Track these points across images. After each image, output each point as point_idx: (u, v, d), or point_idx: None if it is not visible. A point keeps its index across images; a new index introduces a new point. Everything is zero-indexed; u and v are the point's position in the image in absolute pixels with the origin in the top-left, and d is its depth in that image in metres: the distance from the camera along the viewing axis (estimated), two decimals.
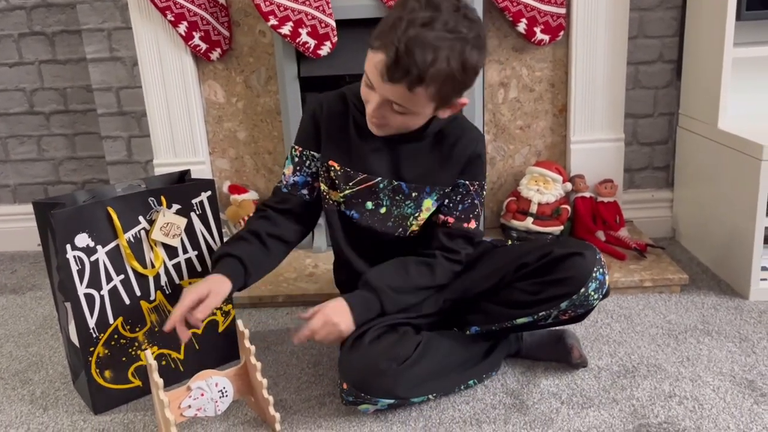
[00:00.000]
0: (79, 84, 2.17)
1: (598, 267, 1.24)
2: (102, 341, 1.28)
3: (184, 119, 1.99)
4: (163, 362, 1.37)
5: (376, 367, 1.19)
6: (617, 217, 1.94)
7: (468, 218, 1.33)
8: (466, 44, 1.10)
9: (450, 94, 1.15)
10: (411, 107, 1.15)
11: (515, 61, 1.95)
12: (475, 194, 1.33)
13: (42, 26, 2.13)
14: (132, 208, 1.29)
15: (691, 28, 1.88)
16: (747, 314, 1.57)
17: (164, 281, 1.35)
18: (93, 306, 1.26)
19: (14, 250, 2.30)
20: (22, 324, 1.73)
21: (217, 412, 1.20)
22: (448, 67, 1.09)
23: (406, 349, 1.22)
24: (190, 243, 1.38)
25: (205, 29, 1.90)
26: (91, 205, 1.25)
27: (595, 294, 1.25)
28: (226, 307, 1.44)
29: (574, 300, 1.24)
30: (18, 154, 2.27)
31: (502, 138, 2.02)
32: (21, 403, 1.37)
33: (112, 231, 1.27)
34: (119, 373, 1.32)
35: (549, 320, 1.29)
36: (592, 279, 1.23)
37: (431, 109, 1.18)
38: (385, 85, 1.12)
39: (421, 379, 1.23)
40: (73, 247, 1.23)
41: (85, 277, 1.25)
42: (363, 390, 1.20)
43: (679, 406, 1.23)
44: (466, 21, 1.11)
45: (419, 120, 1.22)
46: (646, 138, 2.06)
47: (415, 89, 1.10)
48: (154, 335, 1.35)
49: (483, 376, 1.33)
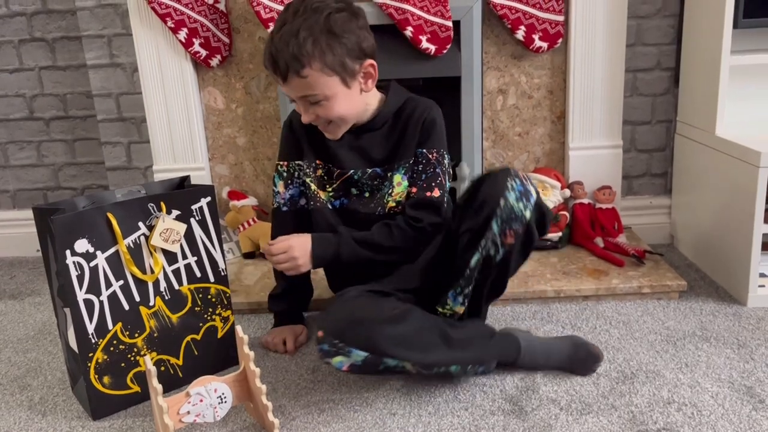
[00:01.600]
0: (79, 90, 2.18)
1: (512, 179, 1.23)
2: (101, 347, 1.28)
3: (184, 125, 2.00)
4: (162, 368, 1.37)
5: (354, 315, 1.22)
6: (616, 223, 1.94)
7: (431, 187, 1.38)
8: (322, 13, 1.25)
9: (338, 60, 1.27)
10: (320, 91, 1.29)
11: (514, 68, 1.96)
12: (435, 162, 1.38)
13: (42, 32, 2.13)
14: (131, 213, 1.30)
15: (688, 36, 1.89)
16: (745, 321, 1.57)
17: (163, 287, 1.35)
18: (92, 311, 1.27)
19: (13, 256, 2.30)
20: (20, 330, 1.73)
21: (216, 418, 1.20)
22: (312, 38, 1.24)
23: (386, 306, 1.26)
24: (190, 249, 1.38)
25: (205, 36, 1.91)
26: (90, 211, 1.26)
27: (519, 203, 1.22)
28: (225, 313, 1.44)
29: (501, 215, 1.21)
30: (18, 160, 2.27)
31: (501, 144, 2.03)
32: (20, 408, 1.37)
33: (111, 237, 1.27)
34: (118, 378, 1.32)
35: (499, 252, 1.25)
36: (508, 189, 1.22)
37: (340, 84, 1.30)
38: (287, 86, 1.30)
39: (398, 338, 1.21)
40: (72, 252, 1.23)
41: (85, 282, 1.25)
42: (338, 337, 1.18)
43: (677, 413, 1.23)
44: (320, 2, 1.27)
45: (348, 102, 1.33)
46: (644, 145, 2.06)
47: (303, 72, 1.26)
48: (153, 341, 1.35)
49: (468, 367, 1.31)
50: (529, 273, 1.78)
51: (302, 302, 1.60)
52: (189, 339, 1.40)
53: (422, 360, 1.25)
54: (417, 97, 1.43)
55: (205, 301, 1.41)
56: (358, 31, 1.31)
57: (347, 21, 1.29)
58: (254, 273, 1.87)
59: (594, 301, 1.70)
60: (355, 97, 1.35)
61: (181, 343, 1.39)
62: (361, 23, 1.32)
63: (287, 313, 1.57)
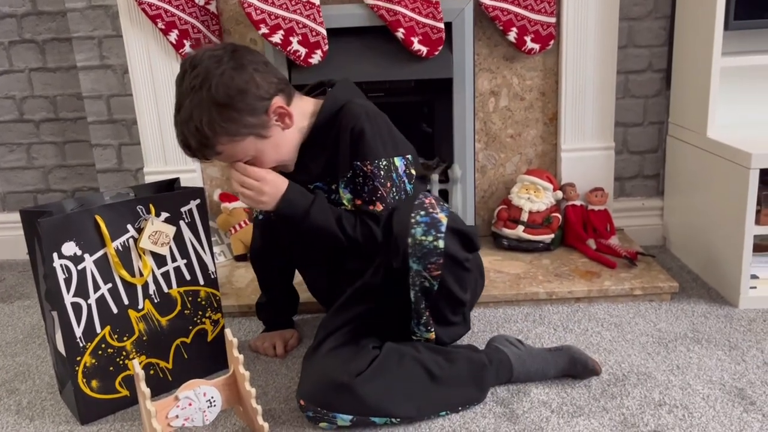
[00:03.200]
0: (69, 92, 2.17)
1: (415, 212, 1.20)
2: (89, 350, 1.27)
3: None
4: (152, 371, 1.36)
5: (331, 380, 1.18)
6: (608, 225, 1.94)
7: (372, 201, 1.32)
8: (203, 88, 1.20)
9: (242, 124, 1.24)
10: (243, 154, 1.27)
11: (506, 70, 1.96)
12: (371, 175, 1.31)
13: (32, 34, 2.12)
14: (120, 216, 1.29)
15: (679, 38, 1.89)
16: (737, 322, 1.57)
17: (153, 290, 1.34)
18: (80, 315, 1.25)
19: (2, 259, 2.28)
20: (9, 333, 1.72)
21: (205, 422, 1.19)
22: (206, 119, 1.21)
23: (361, 362, 1.20)
24: (179, 251, 1.37)
25: (195, 37, 1.90)
26: (78, 214, 1.24)
27: (429, 236, 1.18)
28: (215, 316, 1.44)
29: (413, 253, 1.19)
30: (7, 162, 2.26)
31: (493, 146, 2.03)
32: (7, 413, 1.36)
33: (99, 239, 1.26)
34: (106, 382, 1.31)
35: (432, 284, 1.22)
36: (413, 225, 1.19)
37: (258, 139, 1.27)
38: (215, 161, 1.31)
39: (380, 393, 1.19)
40: (60, 255, 1.22)
41: (72, 285, 1.24)
42: (319, 405, 1.19)
43: (668, 415, 1.23)
44: (198, 70, 1.22)
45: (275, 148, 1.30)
46: (636, 146, 2.07)
47: (217, 150, 1.25)
48: (142, 344, 1.34)
49: (459, 407, 1.26)
50: (521, 275, 1.77)
51: (289, 308, 1.59)
52: (179, 342, 1.39)
53: (408, 413, 1.22)
54: (351, 104, 1.33)
55: (194, 304, 1.40)
56: (247, 85, 1.22)
57: (231, 81, 1.21)
58: (245, 276, 1.86)
59: (586, 303, 1.69)
60: (280, 139, 1.30)
61: (170, 346, 1.38)
62: (248, 72, 1.23)
63: (275, 320, 1.56)
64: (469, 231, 1.23)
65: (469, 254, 1.25)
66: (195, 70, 1.22)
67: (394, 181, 1.33)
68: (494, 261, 1.88)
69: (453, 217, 1.23)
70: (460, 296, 1.28)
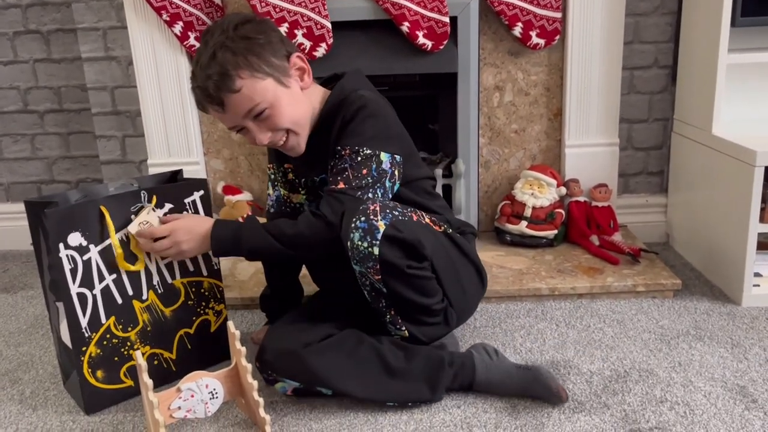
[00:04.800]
0: (73, 83, 2.16)
1: (356, 217, 1.19)
2: (94, 341, 1.28)
3: (179, 119, 1.99)
4: (155, 362, 1.36)
5: (283, 347, 1.25)
6: (611, 221, 1.94)
7: (336, 180, 1.27)
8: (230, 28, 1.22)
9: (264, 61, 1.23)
10: (261, 98, 1.23)
11: (511, 65, 1.95)
12: (348, 158, 1.27)
13: (37, 25, 2.12)
14: (124, 207, 1.29)
15: (686, 34, 1.88)
16: (739, 320, 1.57)
17: (156, 280, 1.35)
18: (85, 305, 1.26)
19: (6, 249, 2.29)
20: (13, 323, 1.73)
21: (207, 413, 1.19)
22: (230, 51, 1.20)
23: (313, 335, 1.26)
24: None
25: (200, 29, 1.90)
26: (84, 204, 1.25)
27: (364, 242, 1.18)
28: (218, 307, 1.44)
29: (354, 257, 1.21)
30: (11, 153, 2.26)
31: (497, 142, 2.02)
32: (10, 402, 1.36)
33: (105, 230, 1.27)
34: (111, 373, 1.31)
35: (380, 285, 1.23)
36: (353, 230, 1.19)
37: (277, 85, 1.25)
38: (228, 112, 1.24)
39: (328, 366, 1.23)
40: (66, 246, 1.22)
41: (78, 276, 1.24)
42: (270, 368, 1.26)
43: (670, 412, 1.23)
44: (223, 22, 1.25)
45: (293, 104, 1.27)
46: (641, 143, 2.06)
47: (236, 86, 1.20)
48: (146, 335, 1.34)
49: (408, 402, 1.26)
50: (523, 270, 1.77)
51: (293, 301, 1.59)
52: (182, 333, 1.39)
53: (355, 391, 1.24)
54: (353, 94, 1.31)
55: (198, 294, 1.40)
56: (271, 33, 1.26)
57: (257, 25, 1.25)
58: (248, 268, 1.87)
59: (588, 299, 1.69)
60: (298, 96, 1.29)
61: (174, 337, 1.38)
62: (272, 26, 1.29)
63: (279, 311, 1.56)
64: (413, 240, 1.20)
65: (413, 262, 1.22)
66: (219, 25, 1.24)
67: (372, 171, 1.27)
68: (497, 256, 1.88)
69: (398, 224, 1.20)
70: (418, 301, 1.27)
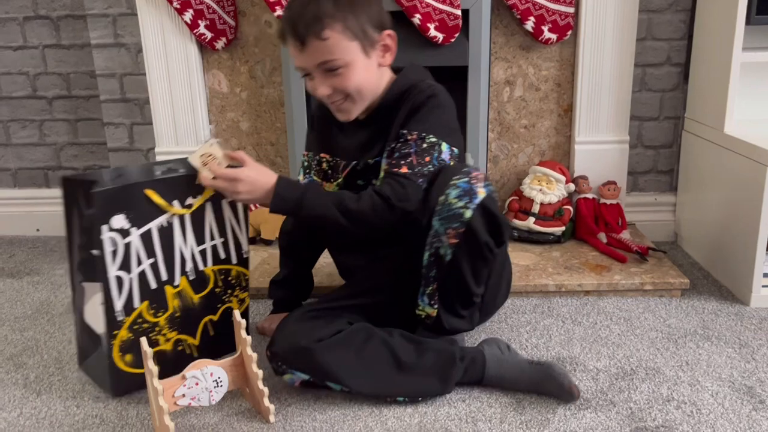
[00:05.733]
0: (82, 69, 2.16)
1: (459, 176, 1.20)
2: (126, 325, 1.26)
3: (187, 108, 1.98)
4: (180, 348, 1.35)
5: (294, 342, 1.24)
6: (619, 219, 1.93)
7: (399, 164, 1.26)
8: None
9: (359, 25, 1.24)
10: (340, 56, 1.23)
11: (522, 60, 1.94)
12: (413, 143, 1.27)
13: (47, 10, 2.11)
14: (168, 192, 1.26)
15: (699, 32, 1.87)
16: (747, 320, 1.56)
17: (189, 267, 1.33)
18: (122, 288, 1.24)
19: (13, 235, 2.29)
20: (18, 308, 1.73)
21: (212, 401, 1.19)
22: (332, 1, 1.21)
23: (325, 330, 1.25)
24: (218, 229, 1.35)
25: (210, 18, 1.89)
26: (130, 187, 1.22)
27: (459, 202, 1.18)
28: (242, 295, 1.43)
29: (440, 212, 1.19)
30: (19, 138, 2.26)
31: (507, 137, 2.01)
32: (14, 387, 1.36)
33: (147, 214, 1.25)
34: (139, 357, 1.29)
35: (447, 252, 1.22)
36: (451, 186, 1.19)
37: (360, 51, 1.25)
38: (305, 54, 1.24)
39: (332, 366, 1.23)
40: (109, 228, 1.20)
41: (117, 258, 1.22)
42: (281, 360, 1.25)
43: (676, 411, 1.22)
44: None
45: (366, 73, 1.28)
46: (651, 141, 2.04)
47: (324, 34, 1.21)
48: (174, 321, 1.33)
49: (419, 397, 1.26)
50: (530, 266, 1.77)
51: (303, 291, 1.59)
52: (207, 320, 1.38)
53: (363, 389, 1.24)
54: (423, 83, 1.34)
55: (225, 282, 1.39)
56: (375, 3, 1.28)
57: None
58: (254, 258, 1.86)
59: (595, 297, 1.68)
60: (373, 69, 1.29)
61: (199, 323, 1.37)
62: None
63: (286, 300, 1.56)
64: (501, 219, 1.22)
65: (492, 242, 1.23)
66: None
67: (433, 160, 1.27)
68: None
69: (492, 200, 1.21)
70: (468, 284, 1.27)
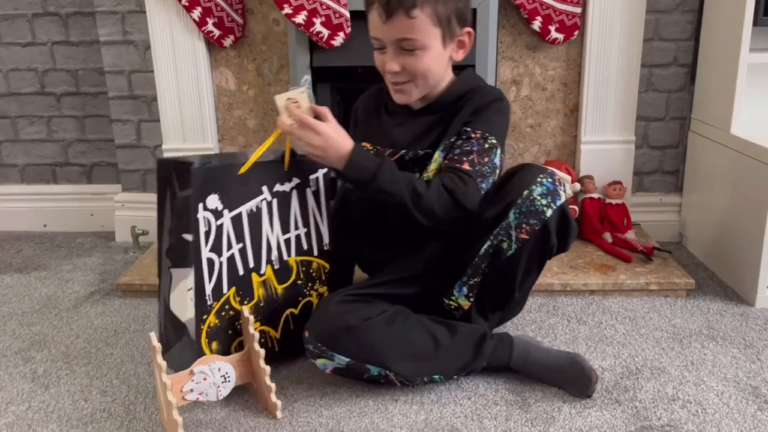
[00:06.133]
0: (91, 66, 2.17)
1: (544, 175, 1.21)
2: (215, 310, 1.25)
3: (195, 105, 1.99)
4: (263, 340, 1.32)
5: (339, 320, 1.22)
6: (625, 219, 1.93)
7: (461, 160, 1.27)
8: None
9: (446, 15, 1.25)
10: (420, 37, 1.24)
11: (528, 59, 1.95)
12: (476, 141, 1.28)
13: (56, 7, 2.13)
14: (259, 177, 1.27)
15: (707, 32, 1.87)
16: (752, 321, 1.56)
17: (275, 255, 1.32)
18: (212, 271, 1.24)
19: (20, 230, 2.30)
20: (26, 303, 1.74)
21: (219, 397, 1.20)
22: None
23: (372, 310, 1.25)
24: (302, 219, 1.35)
25: (219, 15, 1.90)
26: (226, 167, 1.23)
27: (543, 199, 1.19)
28: (321, 289, 1.42)
29: (520, 205, 1.20)
30: (27, 135, 2.27)
31: (513, 136, 2.01)
32: (23, 381, 1.37)
33: (239, 197, 1.25)
34: (224, 346, 1.28)
35: (511, 247, 1.23)
36: (537, 183, 1.20)
37: (439, 39, 1.26)
38: (387, 26, 1.24)
39: (380, 346, 1.22)
40: (204, 207, 1.20)
41: (210, 240, 1.22)
42: (321, 341, 1.22)
43: (682, 410, 1.23)
44: None
45: (437, 61, 1.28)
46: (657, 141, 2.05)
47: (412, 12, 1.21)
48: (259, 310, 1.32)
49: (453, 375, 1.29)
50: None
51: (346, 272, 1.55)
52: (288, 313, 1.37)
53: (405, 370, 1.24)
54: (489, 87, 1.38)
55: (306, 274, 1.38)
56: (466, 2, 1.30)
57: None
58: None
59: (600, 296, 1.69)
60: (444, 60, 1.31)
61: (281, 315, 1.36)
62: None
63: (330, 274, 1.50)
64: (573, 226, 1.25)
65: (556, 244, 1.25)
66: None
67: (491, 162, 1.29)
68: None
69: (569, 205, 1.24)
70: (515, 288, 1.32)
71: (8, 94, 2.22)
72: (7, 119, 2.25)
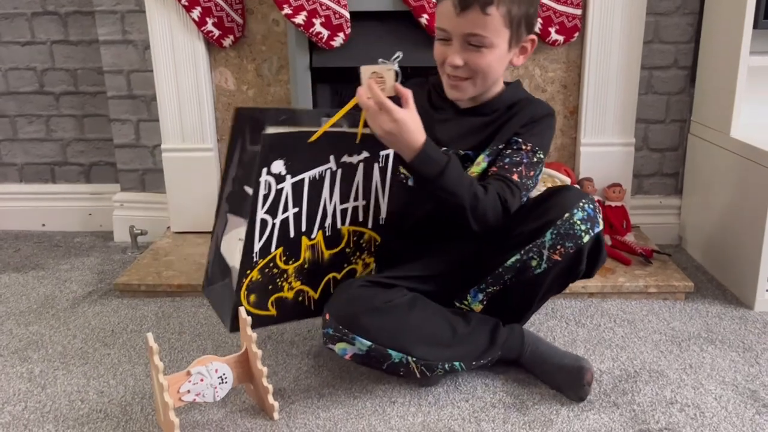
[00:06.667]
0: (90, 66, 2.17)
1: (586, 201, 1.22)
2: (259, 266, 1.25)
3: (194, 105, 1.99)
4: (300, 298, 1.33)
5: (368, 302, 1.22)
6: (624, 221, 1.93)
7: (511, 170, 1.27)
8: None
9: (518, 19, 1.24)
10: (490, 35, 1.23)
11: (528, 61, 1.94)
12: (525, 154, 1.29)
13: (55, 6, 2.12)
14: (328, 146, 1.25)
15: (707, 35, 1.87)
16: (751, 324, 1.56)
17: (328, 222, 1.32)
18: (264, 231, 1.24)
19: (18, 229, 2.30)
20: (23, 302, 1.73)
21: (216, 398, 1.19)
22: None
23: (395, 295, 1.25)
24: (364, 192, 1.34)
25: (218, 15, 1.89)
26: (296, 134, 1.22)
27: (582, 225, 1.20)
28: (368, 259, 1.41)
29: (559, 227, 1.20)
30: (26, 134, 2.26)
31: None
32: (19, 380, 1.37)
33: (303, 164, 1.24)
34: (261, 299, 1.29)
35: (540, 266, 1.23)
36: (578, 207, 1.20)
37: (506, 41, 1.25)
38: (459, 19, 1.22)
39: (403, 330, 1.22)
40: (268, 171, 1.20)
41: (268, 202, 1.22)
42: (344, 323, 1.20)
43: (680, 413, 1.22)
44: None
45: (499, 62, 1.27)
46: (657, 144, 2.04)
47: (488, 9, 1.20)
48: (302, 271, 1.32)
49: (472, 363, 1.28)
50: None
51: None
52: (330, 276, 1.36)
53: (425, 356, 1.23)
54: (543, 102, 1.38)
55: (356, 244, 1.38)
56: (536, 6, 1.30)
57: None
58: None
59: (599, 299, 1.68)
60: (505, 62, 1.30)
61: (323, 278, 1.35)
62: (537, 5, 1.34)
63: None
64: (603, 255, 1.27)
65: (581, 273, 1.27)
66: None
67: (535, 176, 1.30)
68: None
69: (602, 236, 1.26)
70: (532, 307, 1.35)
71: (7, 93, 2.22)
72: (5, 118, 2.25)
